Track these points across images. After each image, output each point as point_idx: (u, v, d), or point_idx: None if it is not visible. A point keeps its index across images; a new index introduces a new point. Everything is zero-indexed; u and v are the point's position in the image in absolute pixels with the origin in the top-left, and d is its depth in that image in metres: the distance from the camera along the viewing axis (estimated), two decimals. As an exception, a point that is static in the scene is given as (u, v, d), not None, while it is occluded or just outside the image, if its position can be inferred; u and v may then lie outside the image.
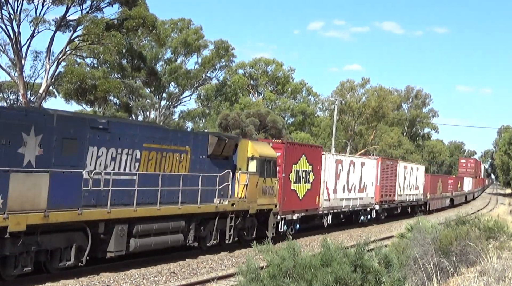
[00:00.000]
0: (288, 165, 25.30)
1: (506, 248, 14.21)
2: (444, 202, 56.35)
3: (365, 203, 34.60)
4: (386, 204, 38.01)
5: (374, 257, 8.96)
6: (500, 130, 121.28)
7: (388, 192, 38.26)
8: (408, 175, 43.13)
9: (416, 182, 45.62)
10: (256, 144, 23.26)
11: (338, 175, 31.29)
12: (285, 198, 25.02)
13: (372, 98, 74.76)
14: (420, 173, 47.43)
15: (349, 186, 32.34)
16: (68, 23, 38.44)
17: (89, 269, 16.49)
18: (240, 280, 8.86)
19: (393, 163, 40.50)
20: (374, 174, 35.88)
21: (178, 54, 62.43)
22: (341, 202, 31.56)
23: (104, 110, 52.18)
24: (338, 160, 31.56)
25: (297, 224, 26.55)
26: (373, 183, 35.61)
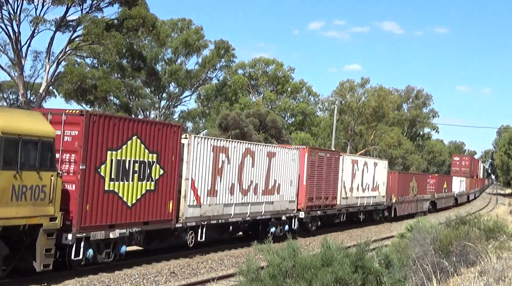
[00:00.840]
0: (94, 151, 15.95)
1: (506, 248, 14.21)
2: (420, 205, 46.98)
3: (279, 209, 25.03)
4: (319, 211, 28.85)
5: (375, 257, 8.96)
6: (500, 130, 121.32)
7: (324, 194, 29.22)
8: (360, 172, 33.90)
9: (375, 182, 36.17)
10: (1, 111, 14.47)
11: (218, 170, 20.95)
12: (90, 205, 15.85)
13: (372, 98, 74.76)
14: (381, 170, 37.50)
15: (243, 185, 22.39)
16: (68, 23, 38.45)
17: (89, 269, 16.50)
18: (240, 280, 8.86)
19: (331, 155, 30.61)
20: (296, 170, 26.31)
21: (178, 54, 62.44)
22: (229, 209, 21.61)
23: (104, 110, 52.17)
24: (216, 147, 20.79)
25: (122, 246, 17.25)
26: (293, 182, 26.02)
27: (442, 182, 57.17)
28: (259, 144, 24.92)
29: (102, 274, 16.36)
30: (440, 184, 55.47)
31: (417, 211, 44.05)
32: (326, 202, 29.63)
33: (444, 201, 56.50)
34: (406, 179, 44.23)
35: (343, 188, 31.48)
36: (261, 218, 23.92)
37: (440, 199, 54.49)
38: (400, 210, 41.65)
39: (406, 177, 45.30)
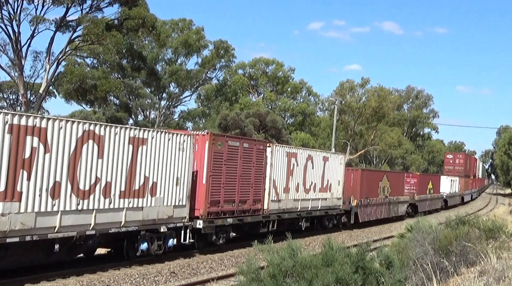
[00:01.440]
0: None
1: (506, 248, 14.21)
2: (394, 209, 40.03)
3: (155, 218, 18.02)
4: (230, 218, 21.73)
5: (376, 258, 8.97)
6: (500, 130, 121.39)
7: (239, 196, 22.12)
8: (300, 168, 26.54)
9: (325, 181, 28.96)
10: None
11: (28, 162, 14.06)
12: None
13: (372, 98, 74.78)
14: (334, 166, 30.09)
15: (82, 186, 15.41)
16: (68, 23, 38.49)
17: (89, 269, 16.51)
18: (240, 280, 8.87)
19: (252, 145, 23.11)
20: (187, 164, 19.22)
21: (178, 55, 62.47)
22: (47, 221, 14.45)
23: (104, 110, 52.22)
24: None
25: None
26: (185, 181, 19.18)
27: (426, 181, 49.99)
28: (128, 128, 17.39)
29: (102, 274, 16.37)
30: (423, 184, 48.39)
31: (389, 216, 38.86)
32: (244, 207, 22.54)
33: (428, 204, 49.37)
34: (373, 178, 36.66)
35: (272, 189, 24.26)
36: (123, 230, 16.89)
37: (422, 201, 47.41)
38: (364, 215, 34.57)
39: (374, 175, 37.74)
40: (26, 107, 38.53)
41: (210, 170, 20.46)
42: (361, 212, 33.95)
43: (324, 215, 29.52)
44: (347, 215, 32.49)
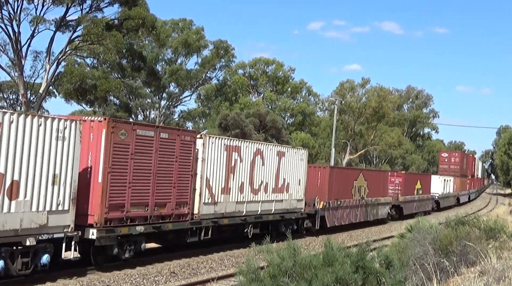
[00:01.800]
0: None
1: (506, 248, 14.21)
2: (373, 211, 35.76)
3: (17, 227, 13.93)
4: (141, 226, 17.57)
5: (376, 258, 8.97)
6: (500, 130, 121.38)
7: (154, 198, 18.01)
8: (245, 164, 22.47)
9: (280, 179, 24.79)
10: None
11: None
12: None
13: (372, 98, 74.77)
14: (293, 163, 25.84)
15: None
16: (68, 23, 38.47)
17: (89, 269, 16.51)
18: (240, 280, 8.86)
19: (173, 136, 18.85)
20: (70, 158, 15.27)
21: (178, 54, 62.47)
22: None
23: (104, 110, 52.22)
24: None
25: None
26: (67, 179, 15.20)
27: (414, 181, 45.61)
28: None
29: (102, 274, 16.37)
30: (410, 183, 44.04)
31: (367, 219, 34.94)
32: (162, 212, 18.39)
33: (416, 205, 45.09)
34: (346, 177, 32.44)
35: (205, 189, 20.34)
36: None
37: (408, 202, 43.01)
38: (333, 219, 30.47)
39: (347, 174, 33.40)
40: (26, 107, 38.53)
41: (109, 165, 16.18)
42: (329, 215, 29.75)
43: (280, 220, 25.11)
44: (312, 219, 28.23)
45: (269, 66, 74.93)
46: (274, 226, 24.92)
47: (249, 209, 22.77)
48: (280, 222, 25.25)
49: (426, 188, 48.40)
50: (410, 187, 43.83)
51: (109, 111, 52.75)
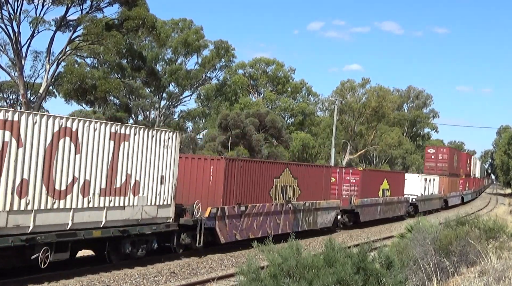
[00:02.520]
0: None
1: (506, 248, 14.21)
2: (307, 220, 27.53)
3: None
4: None
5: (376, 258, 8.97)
6: (500, 130, 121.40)
7: None
8: (36, 152, 14.71)
9: (123, 176, 17.42)
10: None
11: None
12: None
13: (372, 98, 74.76)
14: (150, 151, 18.24)
15: None
16: (68, 23, 38.48)
17: (89, 269, 16.51)
18: (240, 280, 8.86)
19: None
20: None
21: (178, 54, 62.48)
22: None
23: (104, 110, 52.21)
24: None
25: None
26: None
27: (377, 180, 36.99)
28: None
29: (102, 274, 16.37)
30: (371, 183, 35.48)
31: (297, 229, 25.95)
32: None
33: (381, 210, 37.01)
34: (260, 173, 23.89)
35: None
36: None
37: (367, 207, 34.76)
38: (231, 233, 22.06)
39: (262, 169, 24.18)
40: (26, 107, 38.54)
41: None
42: (223, 227, 21.52)
43: (122, 236, 17.40)
44: (192, 233, 20.20)
45: (270, 66, 74.95)
46: (113, 246, 17.54)
47: (46, 222, 14.87)
48: (122, 239, 17.53)
49: (396, 188, 40.11)
50: (371, 187, 35.58)
51: (109, 111, 52.76)
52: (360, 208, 33.82)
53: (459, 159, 71.54)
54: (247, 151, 45.71)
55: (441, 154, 64.83)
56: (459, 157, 72.08)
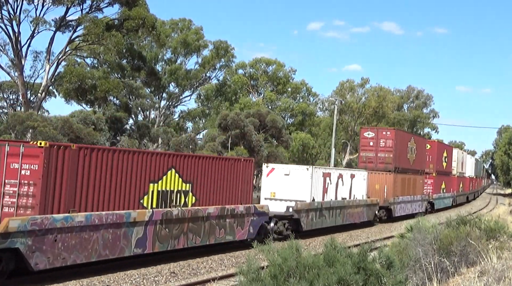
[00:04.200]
0: None
1: (506, 248, 14.21)
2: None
3: None
4: None
5: (377, 258, 8.97)
6: (500, 130, 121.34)
7: None
8: None
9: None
10: None
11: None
12: None
13: (372, 98, 74.73)
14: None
15: None
16: (68, 23, 38.49)
17: (89, 269, 16.50)
18: (240, 280, 8.85)
19: None
20: None
21: (178, 54, 62.49)
22: None
23: (104, 110, 52.20)
24: None
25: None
26: None
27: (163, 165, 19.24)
28: None
29: (102, 274, 16.36)
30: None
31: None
32: None
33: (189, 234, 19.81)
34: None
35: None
36: None
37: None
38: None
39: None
40: (26, 107, 38.53)
41: None
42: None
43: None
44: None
45: (270, 66, 74.95)
46: None
47: None
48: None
49: (234, 194, 22.39)
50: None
51: (109, 111, 52.75)
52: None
53: (421, 149, 47.48)
54: (246, 151, 45.67)
55: (384, 139, 40.67)
56: (421, 146, 47.69)
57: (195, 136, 55.59)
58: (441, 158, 55.13)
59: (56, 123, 34.13)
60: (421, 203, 45.97)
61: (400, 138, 42.24)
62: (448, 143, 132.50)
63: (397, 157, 40.51)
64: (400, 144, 41.62)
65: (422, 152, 47.65)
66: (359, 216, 33.76)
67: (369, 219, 35.51)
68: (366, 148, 41.17)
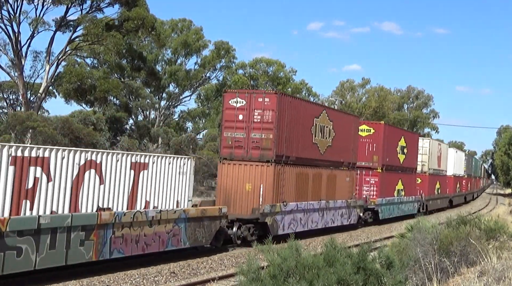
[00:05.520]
0: None
1: (506, 248, 14.21)
2: None
3: None
4: None
5: (376, 258, 8.97)
6: (500, 130, 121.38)
7: None
8: None
9: None
10: None
11: None
12: None
13: (372, 98, 74.79)
14: None
15: None
16: (68, 23, 38.51)
17: (89, 269, 16.51)
18: (240, 280, 8.85)
19: None
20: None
21: (178, 55, 62.52)
22: None
23: (104, 110, 52.22)
24: None
25: None
26: None
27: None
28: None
29: (102, 274, 16.36)
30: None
31: None
32: None
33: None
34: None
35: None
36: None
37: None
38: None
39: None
40: (26, 107, 38.54)
41: None
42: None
43: None
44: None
45: (270, 67, 74.93)
46: None
47: None
48: None
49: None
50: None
51: (109, 111, 52.75)
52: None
53: (348, 131, 31.01)
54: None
55: (261, 111, 24.21)
56: (348, 128, 31.08)
57: (195, 136, 55.63)
58: (393, 148, 38.48)
59: (56, 123, 34.16)
60: (346, 211, 30.46)
61: (294, 110, 25.43)
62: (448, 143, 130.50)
63: (283, 140, 24.57)
64: (295, 120, 25.42)
65: (348, 136, 30.94)
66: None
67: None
68: (229, 126, 24.63)
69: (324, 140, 28.10)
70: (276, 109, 23.83)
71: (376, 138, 36.13)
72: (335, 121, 29.25)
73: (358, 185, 34.05)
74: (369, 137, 35.94)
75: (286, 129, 24.62)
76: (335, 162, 29.37)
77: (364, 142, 35.09)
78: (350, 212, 30.99)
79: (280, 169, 24.17)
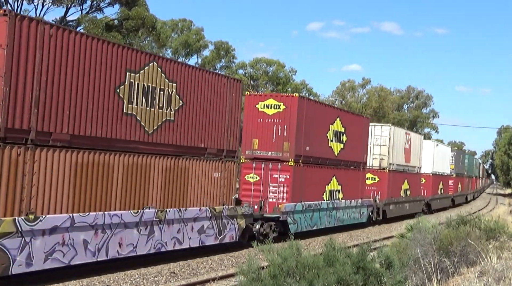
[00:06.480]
0: None
1: (506, 248, 14.22)
2: None
3: None
4: None
5: (376, 258, 8.98)
6: (500, 130, 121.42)
7: None
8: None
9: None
10: None
11: None
12: None
13: (372, 98, 74.79)
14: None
15: None
16: (68, 23, 38.52)
17: (89, 269, 16.51)
18: (240, 280, 8.86)
19: None
20: None
21: (178, 55, 62.54)
22: None
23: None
24: None
25: None
26: None
27: None
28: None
29: (102, 274, 16.37)
30: None
31: None
32: None
33: None
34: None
35: None
36: None
37: None
38: None
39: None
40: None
41: None
42: None
43: None
44: None
45: (270, 67, 74.91)
46: None
47: None
48: None
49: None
50: None
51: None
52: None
53: (217, 103, 20.34)
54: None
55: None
56: (220, 99, 20.51)
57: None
58: (320, 133, 27.05)
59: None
60: (210, 224, 20.10)
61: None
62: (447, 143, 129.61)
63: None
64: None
65: (225, 111, 21.03)
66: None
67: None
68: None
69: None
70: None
71: (288, 117, 24.76)
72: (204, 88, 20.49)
73: (263, 184, 24.86)
74: (278, 115, 25.00)
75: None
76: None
77: (269, 122, 25.12)
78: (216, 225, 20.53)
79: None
